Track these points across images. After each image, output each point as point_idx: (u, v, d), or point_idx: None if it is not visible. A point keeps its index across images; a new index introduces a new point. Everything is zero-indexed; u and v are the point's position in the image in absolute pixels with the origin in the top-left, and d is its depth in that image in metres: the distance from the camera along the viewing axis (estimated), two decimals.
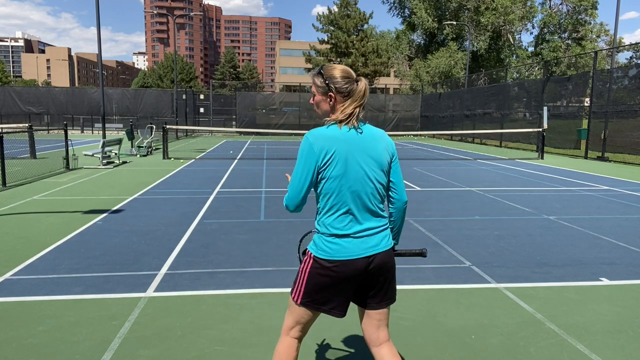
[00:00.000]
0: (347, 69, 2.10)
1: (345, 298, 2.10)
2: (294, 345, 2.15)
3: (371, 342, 2.18)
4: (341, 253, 2.02)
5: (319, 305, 2.09)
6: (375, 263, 2.06)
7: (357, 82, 2.07)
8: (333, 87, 2.06)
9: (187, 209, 7.31)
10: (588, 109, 18.33)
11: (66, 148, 12.23)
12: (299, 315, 2.13)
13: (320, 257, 2.04)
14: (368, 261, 2.05)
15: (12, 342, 3.07)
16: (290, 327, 2.16)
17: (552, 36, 42.03)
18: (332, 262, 2.02)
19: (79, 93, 36.83)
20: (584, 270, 4.60)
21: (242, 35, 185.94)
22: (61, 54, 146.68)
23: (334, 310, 2.10)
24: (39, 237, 5.58)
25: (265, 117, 36.22)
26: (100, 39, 17.49)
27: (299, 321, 2.14)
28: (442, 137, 31.96)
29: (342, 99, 2.06)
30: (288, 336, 2.16)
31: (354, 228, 2.05)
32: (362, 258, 2.03)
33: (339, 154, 2.00)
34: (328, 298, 2.08)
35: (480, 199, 8.55)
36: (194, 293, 3.93)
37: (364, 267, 2.05)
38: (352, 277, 2.04)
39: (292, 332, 2.16)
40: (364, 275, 2.07)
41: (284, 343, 2.16)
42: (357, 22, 45.62)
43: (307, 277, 2.08)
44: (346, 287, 2.07)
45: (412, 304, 3.75)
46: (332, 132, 2.03)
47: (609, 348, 3.08)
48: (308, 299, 2.08)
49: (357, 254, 2.03)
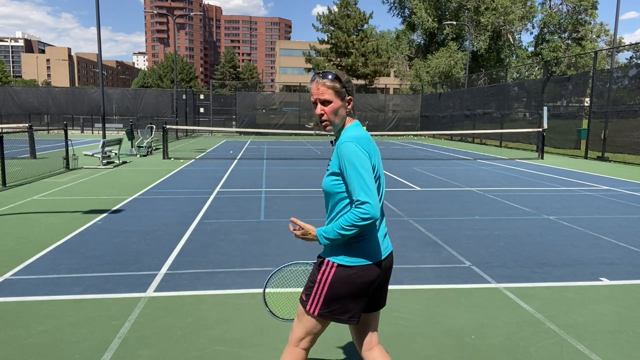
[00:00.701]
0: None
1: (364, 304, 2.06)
2: (303, 358, 2.08)
3: (365, 346, 2.16)
4: (371, 255, 1.99)
5: (338, 315, 2.01)
6: (389, 263, 2.08)
7: None
8: (351, 91, 2.05)
9: (187, 209, 7.31)
10: (588, 109, 18.33)
11: (66, 148, 12.23)
12: (313, 326, 2.06)
13: (345, 265, 1.98)
14: (385, 262, 2.06)
15: (12, 342, 3.07)
16: (300, 339, 2.08)
17: (552, 36, 42.03)
18: (358, 267, 1.97)
19: (79, 93, 36.83)
20: (584, 270, 4.60)
21: (242, 35, 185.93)
22: (61, 54, 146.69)
23: (353, 318, 2.03)
24: (39, 237, 5.58)
25: (265, 117, 36.23)
26: (100, 39, 17.49)
27: (311, 332, 2.07)
28: (442, 137, 31.96)
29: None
30: (297, 347, 2.08)
31: (382, 230, 2.08)
32: (382, 260, 2.04)
33: (376, 154, 2.04)
34: (348, 307, 2.01)
35: (480, 199, 8.54)
36: (194, 293, 3.93)
37: (384, 269, 2.06)
38: (374, 280, 2.02)
39: (302, 344, 2.08)
40: (381, 277, 2.06)
41: (292, 354, 2.07)
42: (357, 22, 45.62)
43: (328, 286, 1.99)
44: (368, 292, 2.03)
45: (412, 304, 3.75)
46: (366, 134, 2.03)
47: (609, 348, 3.08)
48: (326, 310, 2.01)
49: (379, 256, 2.02)
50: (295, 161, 15.28)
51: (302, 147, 22.15)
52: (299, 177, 11.23)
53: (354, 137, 1.95)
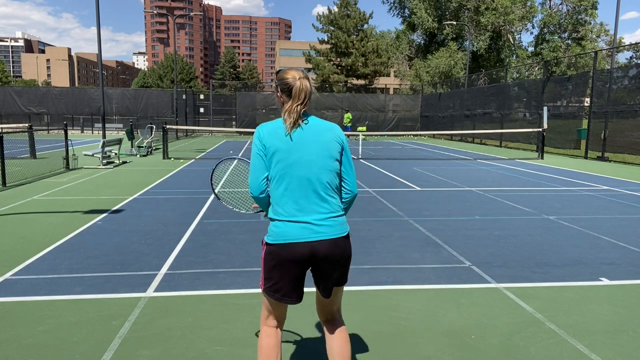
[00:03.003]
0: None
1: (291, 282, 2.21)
2: (272, 333, 2.27)
3: (326, 321, 2.36)
4: (283, 237, 2.15)
5: (273, 292, 2.20)
6: (321, 250, 2.15)
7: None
8: (277, 87, 2.26)
9: (187, 209, 7.30)
10: (588, 109, 18.33)
11: (66, 148, 12.23)
12: (267, 304, 2.27)
13: (268, 242, 2.19)
14: (311, 247, 2.13)
15: (12, 342, 3.07)
16: (265, 317, 2.30)
17: (552, 36, 42.01)
18: (276, 245, 2.15)
19: (79, 93, 36.79)
20: (584, 270, 4.60)
21: (242, 35, 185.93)
22: (61, 54, 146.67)
23: (285, 297, 2.20)
24: (39, 237, 5.58)
25: (265, 117, 36.17)
26: (100, 39, 17.48)
27: (269, 309, 2.27)
28: (442, 137, 31.95)
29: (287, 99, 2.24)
30: (266, 326, 2.30)
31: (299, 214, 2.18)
32: (303, 243, 2.13)
33: (280, 138, 2.23)
34: (277, 285, 2.19)
35: (480, 199, 8.54)
36: (194, 293, 3.93)
37: (308, 253, 2.14)
38: (294, 261, 2.15)
39: (269, 322, 2.29)
40: (310, 262, 2.18)
41: (263, 332, 2.29)
42: (357, 22, 45.59)
43: (262, 263, 2.23)
44: (290, 270, 2.17)
45: (412, 304, 3.75)
46: (277, 121, 2.25)
47: (609, 348, 3.08)
48: (266, 286, 2.22)
49: (299, 238, 2.14)
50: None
51: None
52: None
53: (260, 127, 2.23)
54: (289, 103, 2.18)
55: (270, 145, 2.16)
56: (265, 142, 2.17)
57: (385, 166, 13.92)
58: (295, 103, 2.17)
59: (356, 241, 5.55)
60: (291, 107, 2.17)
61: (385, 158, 16.72)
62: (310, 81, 2.22)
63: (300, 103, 2.17)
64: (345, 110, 32.21)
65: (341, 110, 34.80)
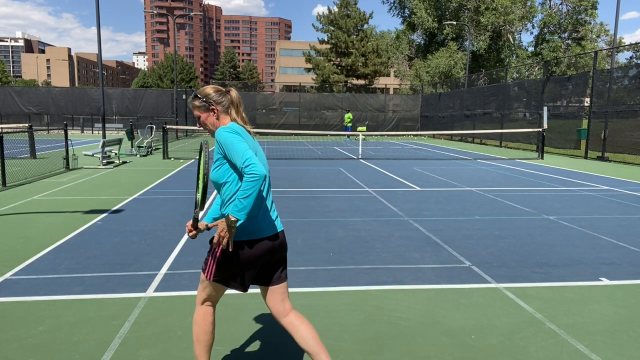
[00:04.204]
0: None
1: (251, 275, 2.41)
2: (209, 311, 2.47)
3: (279, 314, 2.47)
4: (256, 232, 2.32)
5: (227, 282, 2.38)
6: (278, 244, 2.40)
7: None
8: (214, 102, 2.42)
9: (187, 209, 7.30)
10: (588, 109, 18.33)
11: (66, 148, 12.23)
12: (210, 290, 2.43)
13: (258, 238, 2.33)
14: (274, 242, 2.38)
15: (12, 342, 3.07)
16: (203, 300, 2.46)
17: (552, 36, 42.02)
18: (245, 241, 2.30)
19: (79, 93, 36.80)
20: (584, 270, 4.60)
21: (242, 35, 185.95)
22: (61, 54, 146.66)
23: (241, 287, 2.39)
24: (39, 237, 5.58)
25: (265, 117, 36.23)
26: (100, 39, 17.48)
27: (211, 294, 2.44)
28: (442, 137, 31.96)
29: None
30: (203, 305, 2.47)
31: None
32: (266, 238, 2.35)
33: (249, 140, 2.45)
34: (235, 276, 2.36)
35: (480, 199, 8.55)
36: (194, 293, 3.92)
37: (271, 247, 2.37)
38: (262, 254, 2.35)
39: (207, 303, 2.47)
40: (272, 253, 2.39)
41: (199, 312, 2.46)
42: (357, 22, 45.63)
43: (218, 256, 2.34)
44: (255, 264, 2.36)
45: (412, 304, 3.75)
46: (237, 127, 2.39)
47: (609, 348, 3.08)
48: (218, 277, 2.36)
49: (262, 233, 2.34)
50: (295, 161, 15.28)
51: (302, 147, 22.16)
52: (299, 178, 11.23)
53: (223, 127, 2.33)
54: (237, 109, 2.44)
55: (247, 141, 2.32)
56: (244, 137, 2.32)
57: (385, 166, 13.93)
58: (241, 109, 2.46)
59: (356, 241, 5.55)
60: (241, 113, 2.45)
61: (385, 158, 16.72)
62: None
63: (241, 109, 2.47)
64: (345, 110, 32.22)
65: (341, 111, 34.82)
